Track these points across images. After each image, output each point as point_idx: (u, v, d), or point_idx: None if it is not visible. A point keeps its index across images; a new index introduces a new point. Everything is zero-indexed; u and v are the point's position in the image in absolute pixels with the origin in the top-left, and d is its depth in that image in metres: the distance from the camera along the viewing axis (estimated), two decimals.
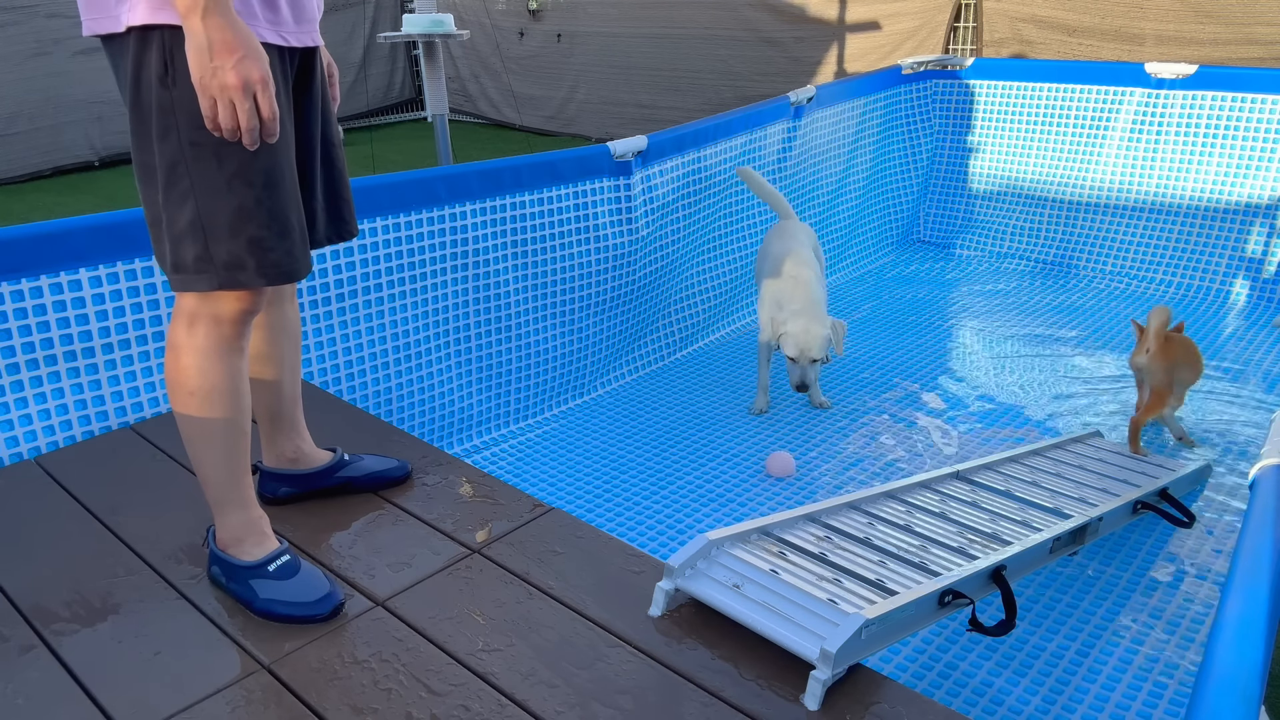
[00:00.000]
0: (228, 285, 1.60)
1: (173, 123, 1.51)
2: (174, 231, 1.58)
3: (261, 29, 1.58)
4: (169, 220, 1.58)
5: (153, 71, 1.50)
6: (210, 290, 1.60)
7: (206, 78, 1.41)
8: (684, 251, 3.99)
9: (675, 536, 2.75)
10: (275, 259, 1.61)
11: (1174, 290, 4.56)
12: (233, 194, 1.55)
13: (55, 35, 7.43)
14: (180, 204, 1.56)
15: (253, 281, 1.60)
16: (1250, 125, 4.36)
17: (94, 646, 1.71)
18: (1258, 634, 1.30)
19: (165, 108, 1.51)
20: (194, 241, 1.57)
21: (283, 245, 1.61)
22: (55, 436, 2.43)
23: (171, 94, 1.50)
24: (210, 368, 1.66)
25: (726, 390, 3.69)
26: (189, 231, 1.57)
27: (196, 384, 1.66)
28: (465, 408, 3.33)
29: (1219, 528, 2.72)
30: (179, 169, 1.54)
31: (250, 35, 1.43)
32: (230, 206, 1.55)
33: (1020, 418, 3.40)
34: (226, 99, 1.43)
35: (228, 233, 1.57)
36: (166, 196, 1.57)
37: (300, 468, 2.10)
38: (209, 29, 1.39)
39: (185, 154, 1.53)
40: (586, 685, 1.59)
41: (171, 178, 1.55)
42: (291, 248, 1.63)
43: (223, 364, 1.67)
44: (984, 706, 2.09)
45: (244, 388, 1.73)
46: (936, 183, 5.32)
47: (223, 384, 1.68)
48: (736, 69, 7.54)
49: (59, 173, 7.65)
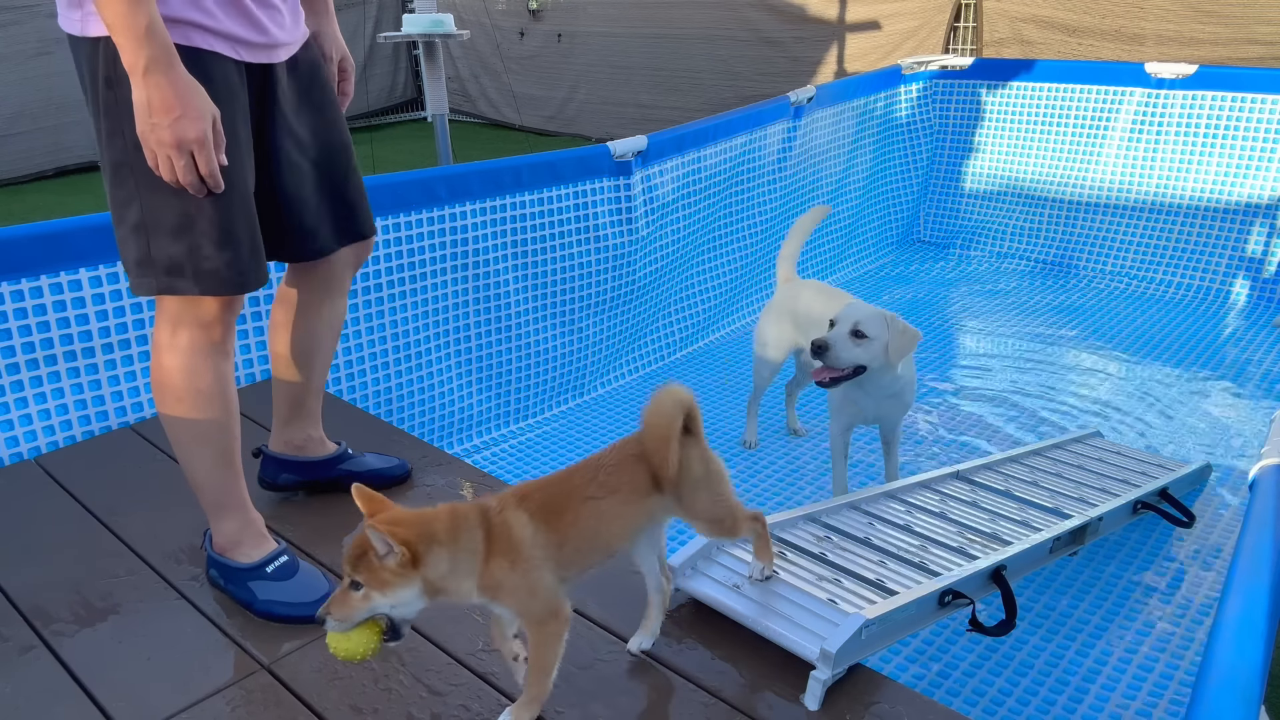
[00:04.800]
0: (166, 290, 1.58)
1: (118, 126, 1.52)
2: (121, 232, 1.59)
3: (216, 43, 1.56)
4: (117, 220, 1.59)
5: (100, 75, 1.51)
6: (151, 295, 1.59)
7: (146, 132, 1.44)
8: (684, 251, 3.98)
9: (675, 536, 2.74)
10: (212, 268, 1.58)
11: (1174, 290, 4.56)
12: (176, 198, 1.53)
13: (57, 35, 7.34)
14: (126, 204, 1.56)
15: (189, 289, 1.58)
16: (1250, 125, 4.36)
17: (94, 646, 1.71)
18: (1258, 634, 1.30)
19: (111, 109, 1.51)
20: (137, 243, 1.57)
21: (221, 256, 1.58)
22: (55, 436, 2.43)
23: (116, 94, 1.50)
24: (194, 370, 1.65)
25: (726, 390, 3.69)
26: (132, 233, 1.57)
27: (182, 387, 1.65)
28: (465, 408, 3.33)
29: (1219, 528, 2.71)
30: (123, 170, 1.54)
31: (191, 94, 1.43)
32: (173, 211, 1.54)
33: (1020, 417, 3.40)
34: (165, 154, 1.44)
35: (169, 237, 1.55)
36: (114, 197, 1.57)
37: (305, 455, 2.10)
38: (148, 87, 1.41)
39: (129, 156, 1.52)
40: (586, 685, 1.59)
41: (117, 178, 1.55)
42: (235, 259, 1.60)
43: (207, 366, 1.66)
44: (984, 707, 2.09)
45: (230, 390, 1.71)
46: (936, 183, 5.32)
47: (208, 387, 1.67)
48: (736, 69, 7.54)
49: (61, 173, 7.64)
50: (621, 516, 1.48)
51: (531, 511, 1.41)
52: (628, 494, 1.47)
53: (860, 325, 2.38)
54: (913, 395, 2.62)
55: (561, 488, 1.46)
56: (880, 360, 2.40)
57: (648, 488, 1.48)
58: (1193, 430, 3.27)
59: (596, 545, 1.47)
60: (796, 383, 3.32)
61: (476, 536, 1.37)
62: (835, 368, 2.41)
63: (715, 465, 1.56)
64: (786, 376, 3.33)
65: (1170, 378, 3.67)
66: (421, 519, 1.35)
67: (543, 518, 1.41)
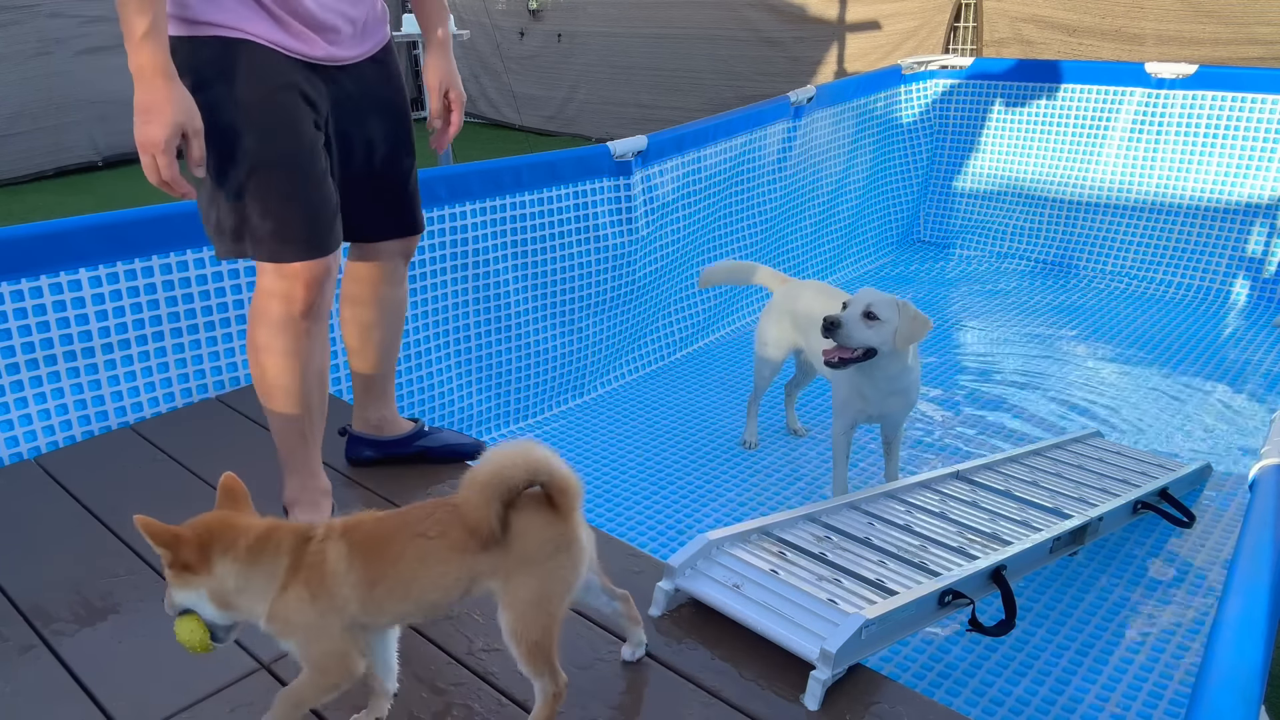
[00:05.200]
0: (230, 254, 1.78)
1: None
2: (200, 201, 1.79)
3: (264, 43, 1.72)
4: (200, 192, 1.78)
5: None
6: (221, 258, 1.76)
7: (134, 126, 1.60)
8: (684, 251, 3.99)
9: (675, 536, 2.74)
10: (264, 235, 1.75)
11: (1174, 290, 4.56)
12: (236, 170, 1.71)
13: (57, 35, 7.42)
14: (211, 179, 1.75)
15: (252, 254, 1.76)
16: (1250, 125, 4.36)
17: (94, 646, 1.71)
18: (1258, 634, 1.30)
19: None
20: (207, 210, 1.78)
21: (266, 225, 1.74)
22: (55, 436, 2.43)
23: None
24: (270, 336, 1.80)
25: (726, 390, 3.68)
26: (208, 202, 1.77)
27: (259, 348, 1.82)
28: (465, 408, 3.33)
29: (1219, 528, 2.72)
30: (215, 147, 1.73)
31: (166, 103, 1.57)
32: (234, 183, 1.72)
33: (1020, 417, 3.40)
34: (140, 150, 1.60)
35: (229, 207, 1.74)
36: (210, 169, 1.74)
37: (384, 434, 2.28)
38: (137, 88, 1.58)
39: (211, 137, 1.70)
40: (586, 685, 1.59)
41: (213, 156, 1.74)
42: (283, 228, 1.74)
43: (283, 334, 1.80)
44: (984, 706, 2.09)
45: (304, 362, 1.83)
46: (936, 183, 5.32)
47: (280, 354, 1.81)
48: (736, 69, 7.54)
49: (61, 173, 7.63)
50: (445, 563, 1.32)
51: (353, 543, 1.32)
52: (458, 541, 1.31)
53: (873, 307, 2.40)
54: (917, 394, 2.63)
55: (395, 521, 1.35)
56: (890, 344, 2.41)
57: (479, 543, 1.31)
58: (1193, 430, 3.27)
59: (411, 591, 1.33)
60: (796, 383, 3.32)
61: (280, 562, 1.30)
62: (846, 346, 2.42)
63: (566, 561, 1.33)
64: (786, 376, 3.33)
65: (1170, 378, 3.67)
66: (228, 528, 1.30)
67: (363, 552, 1.31)
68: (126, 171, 7.71)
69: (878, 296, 2.43)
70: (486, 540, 1.29)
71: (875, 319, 2.40)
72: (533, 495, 1.32)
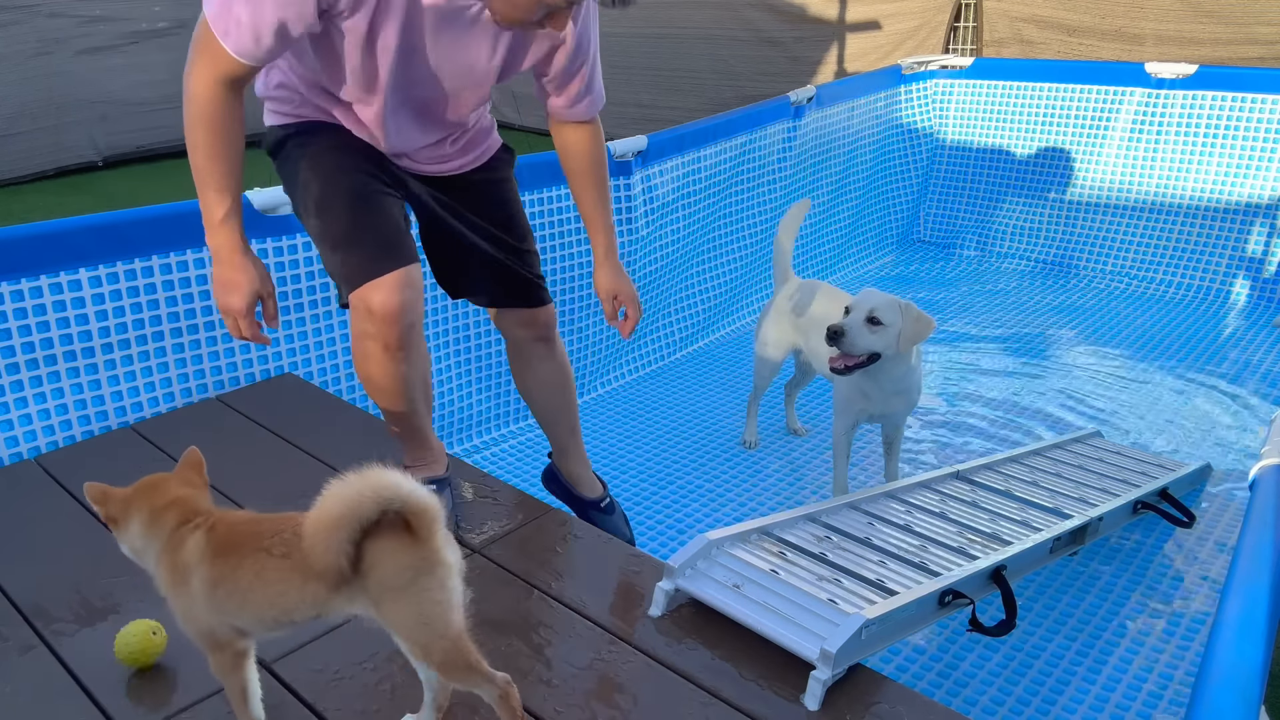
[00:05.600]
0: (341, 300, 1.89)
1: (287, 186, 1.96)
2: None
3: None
4: None
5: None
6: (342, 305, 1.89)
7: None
8: (684, 251, 3.98)
9: (675, 536, 2.74)
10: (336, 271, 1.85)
11: (1174, 290, 4.56)
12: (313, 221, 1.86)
13: (57, 35, 7.41)
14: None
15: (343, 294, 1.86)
16: (1250, 125, 4.36)
17: (94, 646, 1.71)
18: (1258, 634, 1.30)
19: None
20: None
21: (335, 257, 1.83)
22: (55, 436, 2.43)
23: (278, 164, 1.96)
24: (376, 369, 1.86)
25: (726, 390, 3.68)
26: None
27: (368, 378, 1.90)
28: (465, 408, 3.33)
29: (1219, 527, 2.72)
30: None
31: (241, 274, 1.74)
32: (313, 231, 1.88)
33: (1020, 417, 3.40)
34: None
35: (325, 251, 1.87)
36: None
37: (574, 488, 2.40)
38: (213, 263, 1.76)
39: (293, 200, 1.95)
40: (586, 685, 1.59)
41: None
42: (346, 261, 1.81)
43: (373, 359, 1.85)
44: (984, 706, 2.09)
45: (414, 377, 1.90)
46: (936, 183, 5.32)
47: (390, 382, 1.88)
48: (736, 69, 7.54)
49: (62, 173, 7.62)
50: (284, 584, 1.26)
51: (210, 539, 1.30)
52: (301, 564, 1.23)
53: (876, 311, 2.39)
54: (919, 394, 2.63)
55: (251, 527, 1.31)
56: (894, 348, 2.41)
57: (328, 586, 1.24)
58: (1192, 430, 3.27)
59: (247, 603, 1.29)
60: (796, 383, 3.32)
61: (161, 536, 1.34)
62: (851, 354, 2.41)
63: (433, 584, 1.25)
64: (786, 376, 3.33)
65: (1170, 378, 3.67)
66: (152, 491, 1.37)
67: (213, 550, 1.29)
68: (126, 171, 7.71)
69: (880, 299, 2.42)
70: (335, 583, 1.23)
71: (879, 324, 2.39)
72: (389, 520, 1.22)
